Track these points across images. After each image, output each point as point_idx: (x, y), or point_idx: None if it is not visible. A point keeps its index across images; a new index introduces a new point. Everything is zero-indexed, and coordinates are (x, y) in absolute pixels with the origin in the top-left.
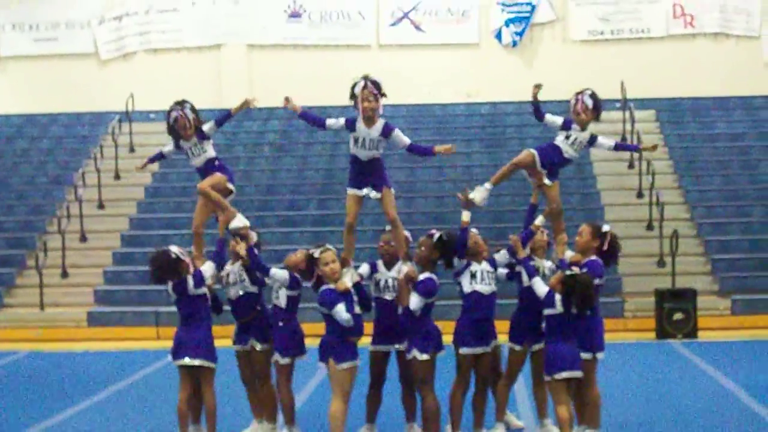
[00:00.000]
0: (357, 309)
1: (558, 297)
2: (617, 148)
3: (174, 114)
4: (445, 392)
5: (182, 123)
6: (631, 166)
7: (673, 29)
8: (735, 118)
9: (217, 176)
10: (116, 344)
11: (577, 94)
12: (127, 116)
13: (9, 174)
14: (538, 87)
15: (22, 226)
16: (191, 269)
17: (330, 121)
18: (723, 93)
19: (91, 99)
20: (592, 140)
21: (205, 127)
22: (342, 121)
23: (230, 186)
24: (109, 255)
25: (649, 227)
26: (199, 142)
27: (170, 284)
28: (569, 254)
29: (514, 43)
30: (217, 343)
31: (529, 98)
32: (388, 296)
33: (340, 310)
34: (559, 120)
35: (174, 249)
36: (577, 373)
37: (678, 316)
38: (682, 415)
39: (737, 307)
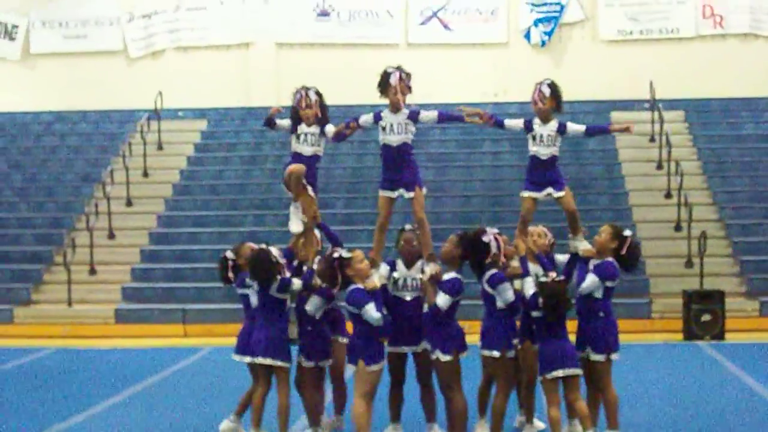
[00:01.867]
0: (384, 310)
1: (541, 300)
2: (588, 131)
3: (297, 95)
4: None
5: (302, 102)
6: (659, 166)
7: (703, 29)
8: (764, 119)
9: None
10: (144, 341)
11: (537, 84)
12: (156, 114)
13: (38, 171)
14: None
15: (51, 223)
16: (285, 272)
17: (363, 119)
18: (752, 94)
19: (120, 96)
20: (561, 129)
21: (329, 127)
22: (370, 115)
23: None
24: (137, 252)
25: (677, 228)
26: (319, 134)
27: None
28: (585, 245)
29: (543, 43)
30: None
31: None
32: (408, 296)
33: (370, 309)
34: (519, 123)
35: (274, 251)
36: (572, 371)
37: (706, 317)
38: (708, 416)
39: (766, 309)
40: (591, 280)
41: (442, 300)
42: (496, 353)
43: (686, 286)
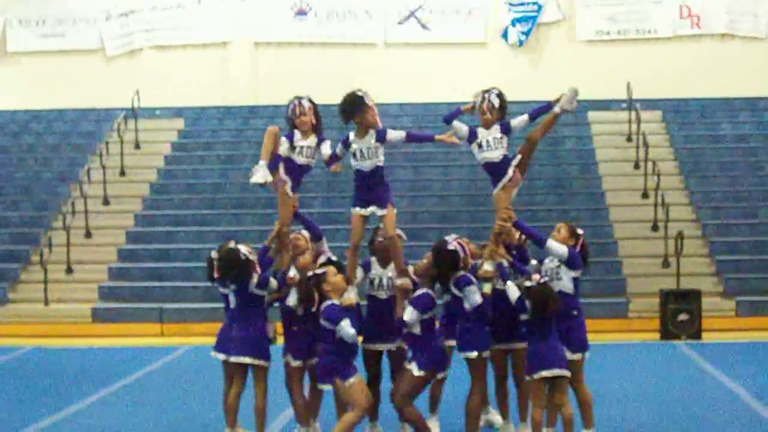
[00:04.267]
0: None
1: (528, 302)
2: (532, 116)
3: (290, 105)
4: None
5: (296, 110)
6: (636, 166)
7: (680, 30)
8: (741, 119)
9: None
10: (121, 340)
11: (484, 92)
12: (133, 113)
13: (14, 169)
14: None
15: (27, 222)
16: (258, 269)
17: (338, 149)
18: (729, 94)
19: (97, 95)
20: (505, 129)
21: (325, 148)
22: (339, 144)
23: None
24: (114, 251)
25: (654, 228)
26: (317, 145)
27: None
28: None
29: (521, 43)
30: None
31: (536, 98)
32: (382, 294)
33: (345, 326)
34: (463, 130)
35: (243, 249)
36: (560, 372)
37: (683, 317)
38: (685, 416)
39: (742, 309)
40: (561, 248)
41: (409, 315)
42: (473, 354)
43: (663, 285)
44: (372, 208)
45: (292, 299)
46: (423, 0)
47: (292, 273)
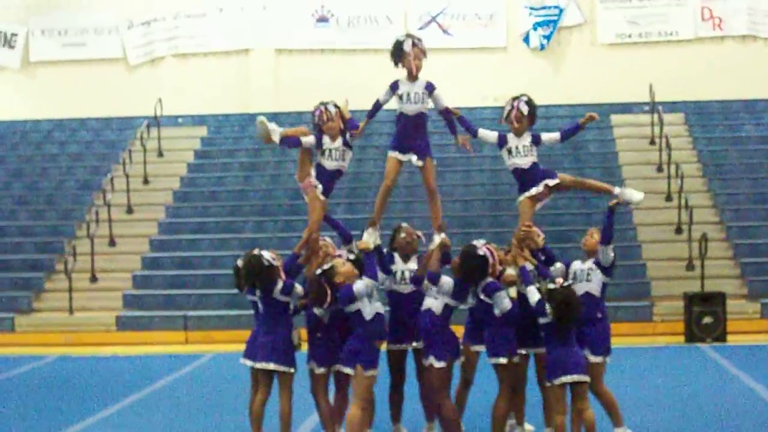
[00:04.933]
0: (379, 305)
1: (549, 306)
2: (563, 137)
3: (316, 111)
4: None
5: (323, 116)
6: (659, 169)
7: (702, 32)
8: (764, 121)
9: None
10: (145, 349)
11: (513, 100)
12: (156, 121)
13: (38, 179)
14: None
15: (51, 231)
16: (282, 275)
17: (381, 98)
18: (752, 96)
19: (120, 104)
20: (536, 141)
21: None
22: (387, 88)
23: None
24: (138, 259)
25: (678, 231)
26: (343, 148)
27: None
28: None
29: (542, 47)
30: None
31: (558, 102)
32: (406, 289)
33: (360, 285)
34: (492, 137)
35: (267, 255)
36: (580, 378)
37: (707, 319)
38: (710, 419)
39: (767, 311)
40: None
41: (444, 281)
42: (502, 360)
43: (687, 288)
44: (410, 156)
45: (319, 308)
46: (444, 5)
47: None
